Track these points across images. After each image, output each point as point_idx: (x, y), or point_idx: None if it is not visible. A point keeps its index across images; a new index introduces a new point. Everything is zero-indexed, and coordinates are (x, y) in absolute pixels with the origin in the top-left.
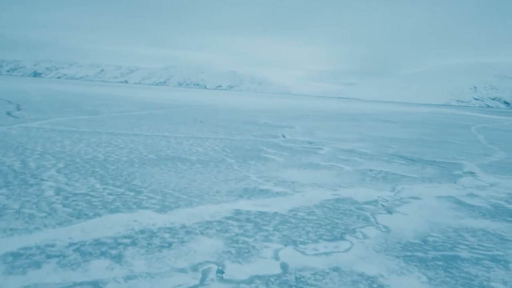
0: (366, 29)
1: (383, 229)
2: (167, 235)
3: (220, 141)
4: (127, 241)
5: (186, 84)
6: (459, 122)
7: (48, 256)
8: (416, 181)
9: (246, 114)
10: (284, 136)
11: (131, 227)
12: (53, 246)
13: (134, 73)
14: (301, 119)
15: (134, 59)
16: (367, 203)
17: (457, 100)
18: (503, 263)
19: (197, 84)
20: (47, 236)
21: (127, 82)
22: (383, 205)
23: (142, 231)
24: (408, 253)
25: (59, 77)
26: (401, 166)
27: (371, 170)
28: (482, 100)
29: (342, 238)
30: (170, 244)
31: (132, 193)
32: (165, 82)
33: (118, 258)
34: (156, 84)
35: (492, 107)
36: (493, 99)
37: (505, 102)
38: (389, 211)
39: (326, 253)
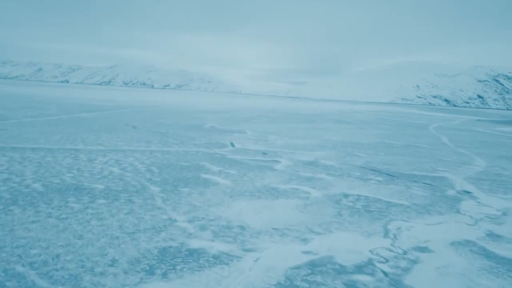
0: (309, 27)
1: None
2: None
3: (149, 155)
4: None
5: (133, 84)
6: (413, 121)
7: None
8: (410, 212)
9: (191, 116)
10: (233, 145)
11: None
12: None
13: (76, 72)
14: (253, 121)
15: (76, 57)
16: (358, 268)
17: (402, 98)
18: None
19: (144, 84)
20: None
21: (68, 82)
22: (384, 272)
23: None
24: None
25: None
26: (381, 187)
27: (346, 196)
28: (425, 98)
29: None
30: None
31: None
32: (110, 81)
33: None
34: (100, 84)
35: (434, 105)
36: (435, 97)
37: (446, 100)
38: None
39: None
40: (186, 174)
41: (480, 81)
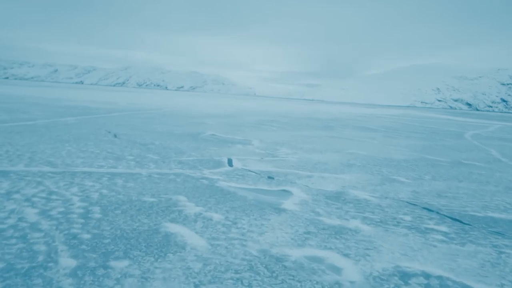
0: (322, 29)
1: None
2: None
3: (106, 183)
4: None
5: (146, 85)
6: (443, 128)
7: None
8: None
9: (192, 122)
10: (230, 163)
11: None
12: None
13: (90, 73)
14: (262, 127)
15: (91, 59)
16: None
17: (421, 102)
18: None
19: (158, 85)
20: None
21: (82, 83)
22: None
23: None
24: None
25: (6, 78)
26: (454, 249)
27: (404, 278)
28: (445, 102)
29: None
30: None
31: None
32: (124, 83)
33: None
34: (114, 85)
35: (455, 109)
36: (456, 100)
37: (468, 104)
38: None
39: None
40: (139, 224)
41: (503, 84)
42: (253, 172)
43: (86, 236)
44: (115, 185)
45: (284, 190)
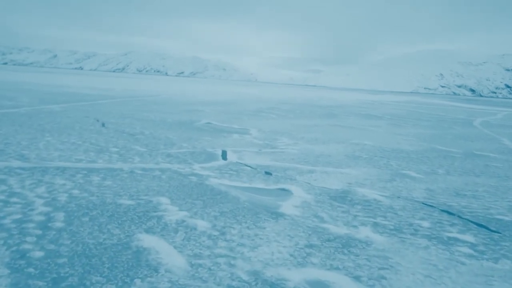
0: (325, 15)
1: None
2: None
3: (80, 181)
4: None
5: (146, 71)
6: (450, 115)
7: None
8: None
9: (187, 109)
10: (224, 156)
11: None
12: None
13: (90, 59)
14: (262, 115)
15: (91, 44)
16: None
17: (424, 88)
18: None
19: (158, 71)
20: None
21: (82, 69)
22: None
23: None
24: None
25: (5, 63)
26: (488, 268)
27: None
28: (449, 88)
29: None
30: None
31: None
32: (123, 68)
33: None
34: (114, 71)
35: (459, 95)
36: (459, 86)
37: (471, 90)
38: None
39: None
40: (107, 236)
41: (508, 70)
42: (249, 166)
43: (38, 254)
44: (89, 184)
45: (282, 189)
